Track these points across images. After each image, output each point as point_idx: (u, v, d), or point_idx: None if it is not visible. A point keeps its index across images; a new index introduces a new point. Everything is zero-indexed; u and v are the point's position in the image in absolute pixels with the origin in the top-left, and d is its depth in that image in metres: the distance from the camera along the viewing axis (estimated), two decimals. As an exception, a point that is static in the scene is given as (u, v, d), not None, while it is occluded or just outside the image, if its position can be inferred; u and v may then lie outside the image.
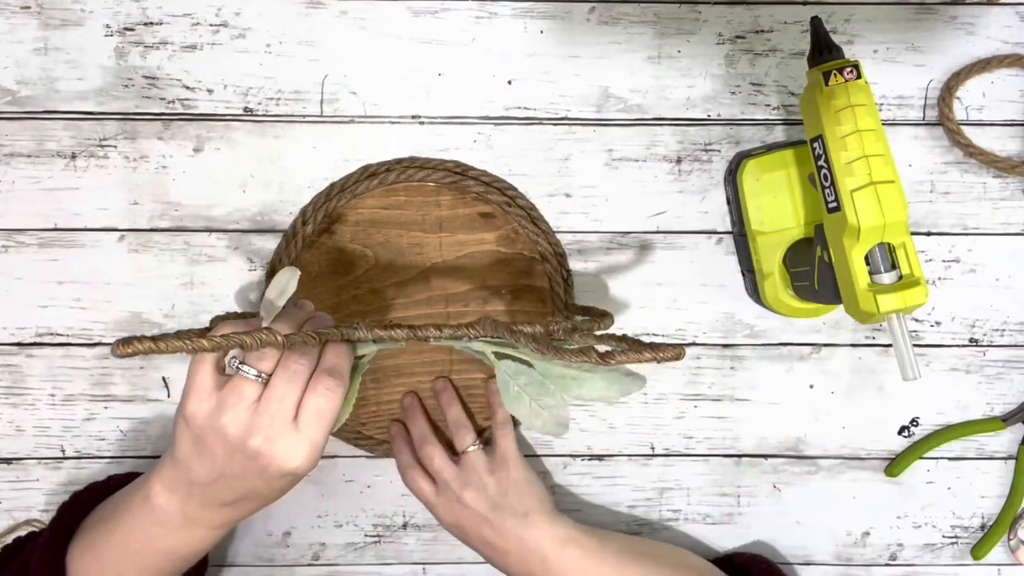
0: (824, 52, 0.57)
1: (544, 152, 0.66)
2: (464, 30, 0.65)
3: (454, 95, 0.66)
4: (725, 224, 0.67)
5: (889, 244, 0.55)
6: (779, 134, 0.67)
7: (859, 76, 0.55)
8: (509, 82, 0.66)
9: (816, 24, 0.58)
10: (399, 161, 0.66)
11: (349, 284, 0.66)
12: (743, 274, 0.67)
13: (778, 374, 0.69)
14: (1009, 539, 0.70)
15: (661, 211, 0.67)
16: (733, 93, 0.66)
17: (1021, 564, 0.71)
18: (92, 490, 0.62)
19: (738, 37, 0.66)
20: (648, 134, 0.66)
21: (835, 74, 0.55)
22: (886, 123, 0.67)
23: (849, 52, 0.66)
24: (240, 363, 0.49)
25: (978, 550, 0.71)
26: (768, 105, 0.66)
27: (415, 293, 0.66)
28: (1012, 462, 0.70)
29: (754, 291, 0.66)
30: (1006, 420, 0.69)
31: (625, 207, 0.67)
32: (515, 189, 0.66)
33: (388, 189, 0.66)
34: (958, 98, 0.67)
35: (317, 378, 0.49)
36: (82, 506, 0.59)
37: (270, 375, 0.49)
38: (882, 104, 0.67)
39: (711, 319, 0.68)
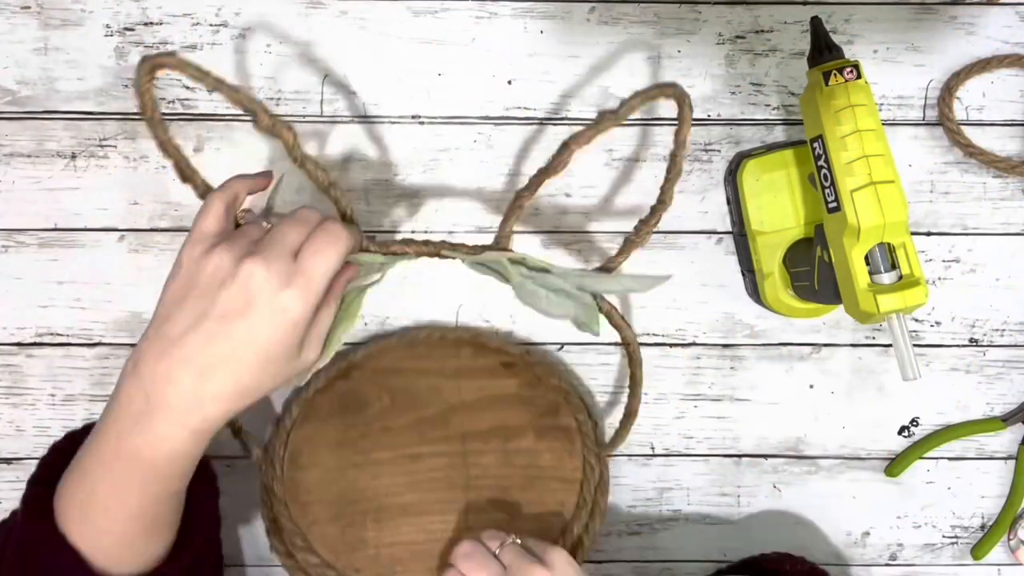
0: (824, 52, 0.57)
1: (544, 152, 0.66)
2: (464, 30, 0.65)
3: (454, 95, 0.66)
4: (725, 224, 0.67)
5: (889, 244, 0.55)
6: (779, 134, 0.67)
7: (859, 76, 0.55)
8: (509, 82, 0.66)
9: (816, 24, 0.58)
10: (419, 327, 0.66)
11: (360, 422, 0.62)
12: (743, 274, 0.67)
13: (778, 374, 0.69)
14: (1009, 539, 0.70)
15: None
16: (733, 93, 0.66)
17: (1021, 564, 0.71)
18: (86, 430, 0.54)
19: (738, 37, 0.66)
20: (647, 134, 0.66)
21: (835, 74, 0.55)
22: (886, 123, 0.67)
23: (849, 52, 0.66)
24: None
25: (978, 550, 0.71)
26: (768, 105, 0.66)
27: (430, 431, 0.62)
28: (1012, 462, 0.70)
29: (754, 291, 0.66)
30: (1006, 420, 0.69)
31: (625, 207, 0.67)
32: (534, 344, 0.67)
33: (410, 343, 0.65)
34: (958, 98, 0.67)
35: (323, 224, 0.47)
36: (73, 444, 0.51)
37: None
38: (882, 104, 0.67)
39: (711, 319, 0.68)
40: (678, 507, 0.70)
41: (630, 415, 0.62)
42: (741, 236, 0.65)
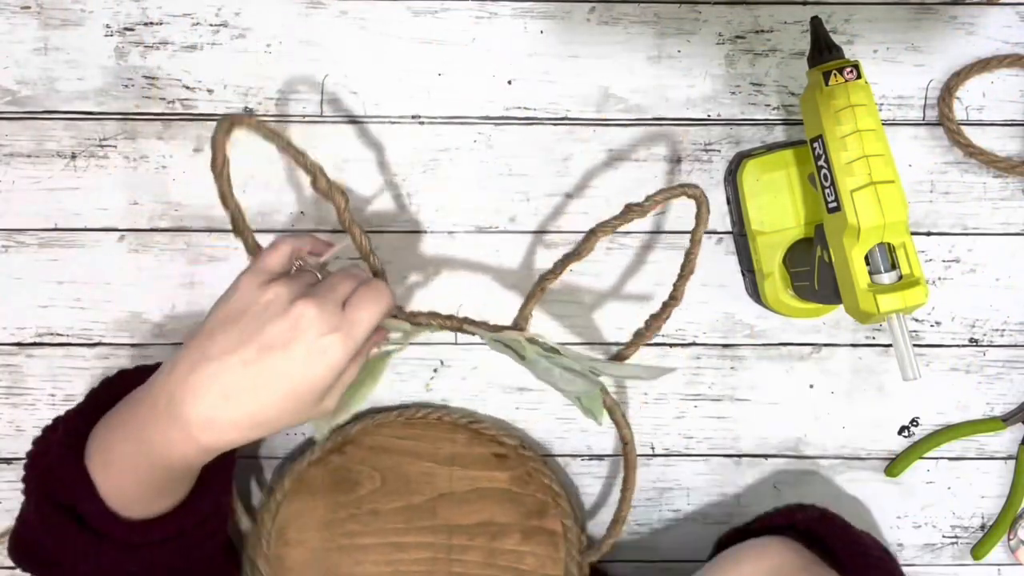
0: (824, 52, 0.57)
1: (544, 152, 0.66)
2: (464, 30, 0.65)
3: (454, 95, 0.66)
4: (725, 224, 0.67)
5: (889, 244, 0.55)
6: (779, 134, 0.67)
7: (859, 76, 0.55)
8: (509, 82, 0.66)
9: (816, 24, 0.58)
10: (418, 405, 0.68)
11: (350, 503, 0.63)
12: (743, 274, 0.67)
13: (778, 374, 0.69)
14: (1009, 539, 0.70)
15: (661, 211, 0.67)
16: (733, 93, 0.66)
17: (1021, 564, 0.71)
18: (141, 371, 0.57)
19: (738, 37, 0.66)
20: (648, 134, 0.66)
21: (835, 74, 0.55)
22: (886, 123, 0.67)
23: (849, 52, 0.66)
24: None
25: (978, 550, 0.71)
26: (768, 105, 0.66)
27: (418, 520, 0.62)
28: (1012, 462, 0.70)
29: (754, 291, 0.66)
30: (1006, 420, 0.69)
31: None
32: (526, 435, 0.68)
33: (407, 422, 0.66)
34: (958, 98, 0.67)
35: (371, 281, 0.50)
36: (123, 383, 0.54)
37: None
38: (882, 104, 0.67)
39: (711, 319, 0.68)
40: (678, 507, 0.70)
41: (617, 522, 0.62)
42: (741, 236, 0.65)
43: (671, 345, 0.69)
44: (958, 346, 0.69)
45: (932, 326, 0.69)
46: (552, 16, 0.65)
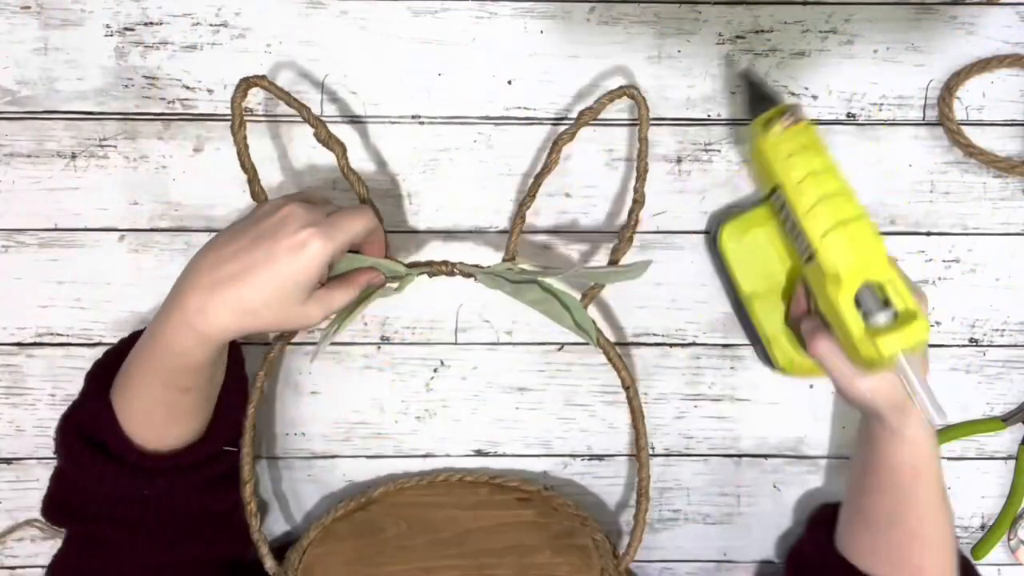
0: (763, 102, 0.56)
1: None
2: (464, 30, 0.65)
3: (454, 95, 0.66)
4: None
5: (876, 282, 0.52)
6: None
7: (797, 120, 0.53)
8: (509, 82, 0.66)
9: (748, 77, 0.56)
10: (438, 471, 0.69)
11: (376, 543, 0.63)
12: (752, 345, 0.66)
13: (778, 374, 0.69)
14: (1009, 539, 0.70)
15: (661, 211, 0.67)
16: (733, 93, 0.66)
17: (1021, 564, 0.71)
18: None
19: (738, 37, 0.66)
20: (647, 134, 0.66)
21: (774, 122, 0.54)
22: (886, 123, 0.67)
23: (849, 52, 0.66)
24: None
25: (978, 550, 0.71)
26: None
27: (445, 549, 0.62)
28: (1012, 462, 0.70)
29: (767, 360, 0.64)
30: (1006, 420, 0.69)
31: (625, 207, 0.67)
32: (548, 478, 0.69)
33: (429, 484, 0.67)
34: (958, 98, 0.67)
35: (358, 205, 0.57)
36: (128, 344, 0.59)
37: None
38: (882, 104, 0.67)
39: (711, 319, 0.68)
40: (678, 507, 0.70)
41: (640, 513, 0.62)
42: (739, 306, 0.63)
43: (671, 345, 0.69)
44: (958, 346, 0.69)
45: (932, 326, 0.69)
46: (552, 16, 0.65)
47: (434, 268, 0.60)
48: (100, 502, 0.56)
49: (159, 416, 0.55)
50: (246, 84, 0.58)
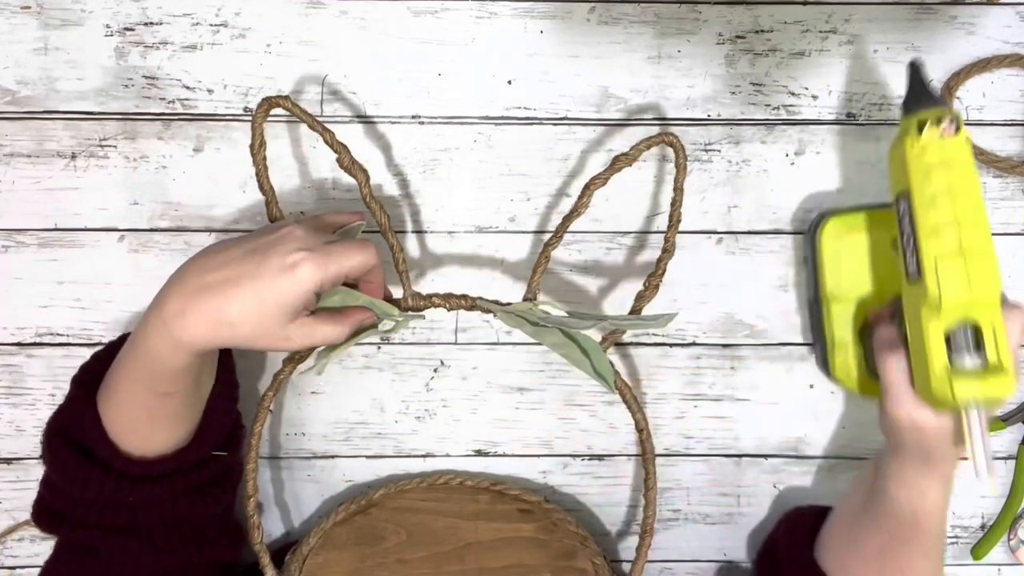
0: (923, 99, 0.51)
1: (544, 152, 0.66)
2: (464, 30, 0.65)
3: (454, 95, 0.66)
4: (725, 224, 0.67)
5: (976, 324, 0.48)
6: (778, 134, 0.67)
7: (959, 129, 0.49)
8: (509, 82, 0.66)
9: (914, 69, 0.52)
10: (439, 472, 0.68)
11: (376, 553, 0.63)
12: (814, 344, 0.65)
13: (778, 374, 0.69)
14: (1009, 539, 0.70)
15: (661, 212, 0.67)
16: (733, 93, 0.66)
17: (1021, 564, 0.71)
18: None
19: (738, 37, 0.66)
20: (648, 134, 0.66)
21: (931, 125, 0.49)
22: (886, 123, 0.67)
23: (849, 52, 0.66)
24: None
25: (978, 550, 0.71)
26: (768, 105, 0.66)
27: (446, 565, 0.62)
28: (1012, 462, 0.70)
29: (823, 365, 0.62)
30: (1006, 420, 0.69)
31: (625, 207, 0.67)
32: (550, 492, 0.69)
33: (429, 487, 0.66)
34: (958, 98, 0.67)
35: (363, 240, 0.53)
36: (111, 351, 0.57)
37: None
38: (882, 104, 0.67)
39: (711, 319, 0.68)
40: (678, 507, 0.70)
41: (646, 533, 0.61)
42: (816, 303, 0.61)
43: (671, 345, 0.69)
44: (958, 346, 0.69)
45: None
46: (552, 16, 0.65)
47: (453, 302, 0.57)
48: (87, 508, 0.55)
49: (143, 421, 0.54)
50: (268, 104, 0.55)
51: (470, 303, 0.57)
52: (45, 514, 0.56)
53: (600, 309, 0.68)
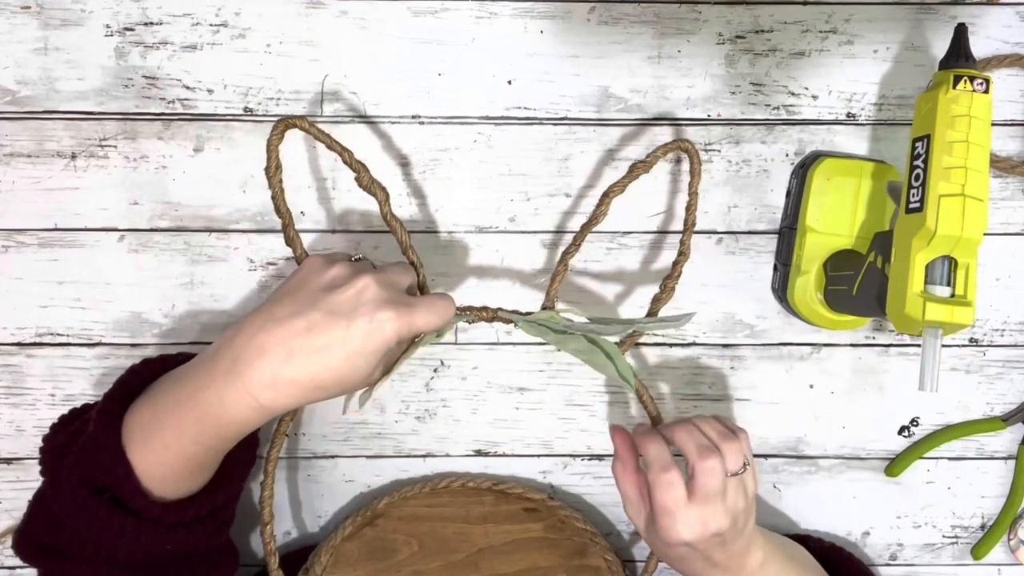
0: (961, 58, 0.57)
1: (544, 152, 0.66)
2: (464, 30, 0.65)
3: (454, 95, 0.66)
4: (725, 224, 0.67)
5: (953, 261, 0.55)
6: (778, 134, 0.67)
7: (987, 91, 0.55)
8: (509, 82, 0.66)
9: (961, 31, 0.58)
10: (439, 476, 0.68)
11: (391, 567, 0.63)
12: (775, 268, 0.68)
13: (778, 374, 0.69)
14: (1009, 539, 0.70)
15: (661, 211, 0.67)
16: (733, 93, 0.66)
17: (1021, 564, 0.71)
18: (164, 360, 0.58)
19: (738, 37, 0.66)
20: (648, 134, 0.66)
21: (966, 81, 0.55)
22: (886, 123, 0.67)
23: (849, 52, 0.66)
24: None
25: (978, 550, 0.71)
26: (768, 105, 0.66)
27: (461, 573, 0.63)
28: (1012, 462, 0.70)
29: (782, 287, 0.66)
30: (1006, 420, 0.69)
31: (625, 207, 0.67)
32: (553, 489, 0.69)
33: (432, 492, 0.66)
34: (958, 98, 0.67)
35: (442, 294, 0.54)
36: (150, 370, 0.56)
37: None
38: (882, 104, 0.67)
39: (711, 319, 0.68)
40: (678, 507, 0.70)
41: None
42: (790, 229, 0.66)
43: (671, 345, 0.69)
44: (958, 346, 0.69)
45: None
46: (552, 16, 0.65)
47: (474, 314, 0.57)
48: (105, 550, 0.52)
49: (184, 471, 0.52)
50: (283, 126, 0.53)
51: (491, 315, 0.57)
52: (33, 546, 0.54)
53: (613, 312, 0.68)
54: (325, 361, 0.49)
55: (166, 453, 0.51)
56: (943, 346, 0.58)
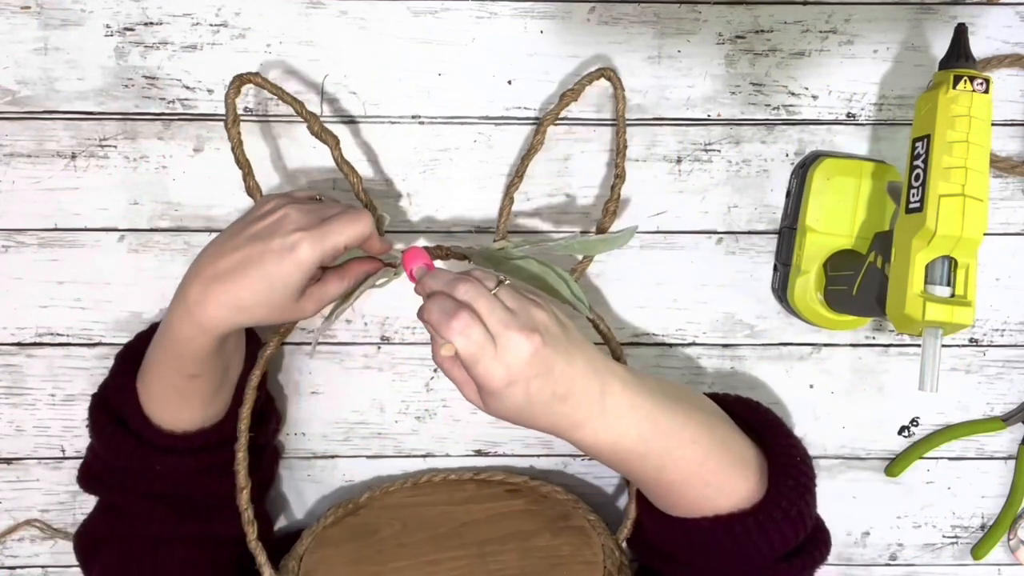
0: (961, 58, 0.57)
1: (544, 152, 0.66)
2: (464, 30, 0.65)
3: (454, 95, 0.66)
4: (725, 224, 0.67)
5: (954, 261, 0.55)
6: (778, 134, 0.67)
7: (987, 91, 0.55)
8: (509, 82, 0.66)
9: (961, 31, 0.58)
10: (421, 472, 0.69)
11: (374, 543, 0.63)
12: (775, 267, 0.67)
13: (778, 374, 0.69)
14: (1009, 539, 0.71)
15: (661, 211, 0.67)
16: (733, 93, 0.66)
17: (1021, 564, 0.71)
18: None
19: (738, 37, 0.66)
20: (648, 134, 0.66)
21: (965, 81, 0.55)
22: (886, 123, 0.67)
23: (849, 52, 0.66)
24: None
25: (978, 550, 0.71)
26: (768, 105, 0.66)
27: (446, 542, 0.62)
28: (1012, 462, 0.70)
29: (782, 286, 0.66)
30: (1006, 420, 0.69)
31: (625, 207, 0.67)
32: (533, 471, 0.70)
33: (414, 486, 0.67)
34: (958, 98, 0.67)
35: (354, 208, 0.56)
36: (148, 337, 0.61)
37: None
38: (882, 104, 0.67)
39: (711, 319, 0.68)
40: (678, 507, 0.70)
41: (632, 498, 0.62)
42: (790, 230, 0.66)
43: (671, 345, 0.69)
44: (958, 346, 0.69)
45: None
46: (552, 16, 0.65)
47: (432, 253, 0.60)
48: (122, 474, 0.60)
49: (173, 400, 0.58)
50: (239, 80, 0.59)
51: (444, 252, 0.61)
52: (86, 476, 0.62)
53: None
54: (243, 281, 0.53)
55: (156, 383, 0.58)
56: (943, 346, 0.57)
